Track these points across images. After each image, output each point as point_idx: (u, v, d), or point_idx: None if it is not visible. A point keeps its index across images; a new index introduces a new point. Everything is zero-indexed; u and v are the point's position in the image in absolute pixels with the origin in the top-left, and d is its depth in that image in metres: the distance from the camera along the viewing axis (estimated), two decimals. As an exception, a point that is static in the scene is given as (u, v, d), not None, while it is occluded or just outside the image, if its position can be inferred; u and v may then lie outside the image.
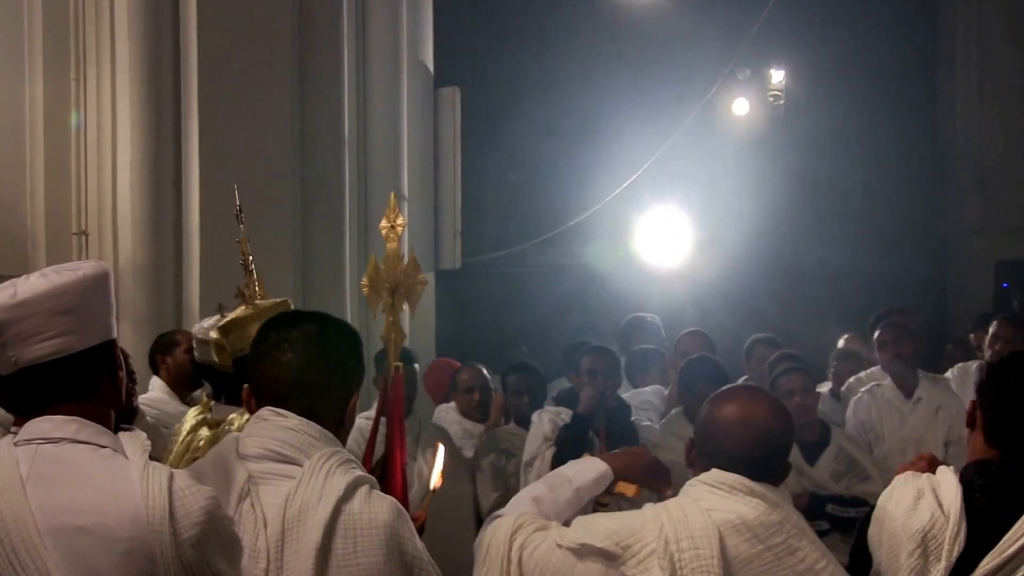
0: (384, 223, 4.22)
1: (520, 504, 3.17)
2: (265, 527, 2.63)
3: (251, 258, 4.44)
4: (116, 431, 2.58)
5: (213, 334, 4.35)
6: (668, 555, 2.75)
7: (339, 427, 2.89)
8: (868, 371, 7.79)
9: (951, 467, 3.25)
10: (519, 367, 6.99)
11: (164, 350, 6.48)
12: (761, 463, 2.93)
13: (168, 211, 7.68)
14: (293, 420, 2.77)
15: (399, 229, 4.20)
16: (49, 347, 2.48)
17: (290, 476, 2.70)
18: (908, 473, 3.26)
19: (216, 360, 4.37)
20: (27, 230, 7.90)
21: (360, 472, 2.78)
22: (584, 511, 3.14)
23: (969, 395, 4.97)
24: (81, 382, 2.53)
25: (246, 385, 2.92)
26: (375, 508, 2.70)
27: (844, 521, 5.62)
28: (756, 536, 2.82)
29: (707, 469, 2.95)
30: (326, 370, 2.87)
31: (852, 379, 7.70)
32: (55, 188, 7.81)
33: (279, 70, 8.06)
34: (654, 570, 2.76)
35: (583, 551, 2.84)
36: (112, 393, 2.60)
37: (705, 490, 2.91)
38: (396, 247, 4.22)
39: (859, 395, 7.20)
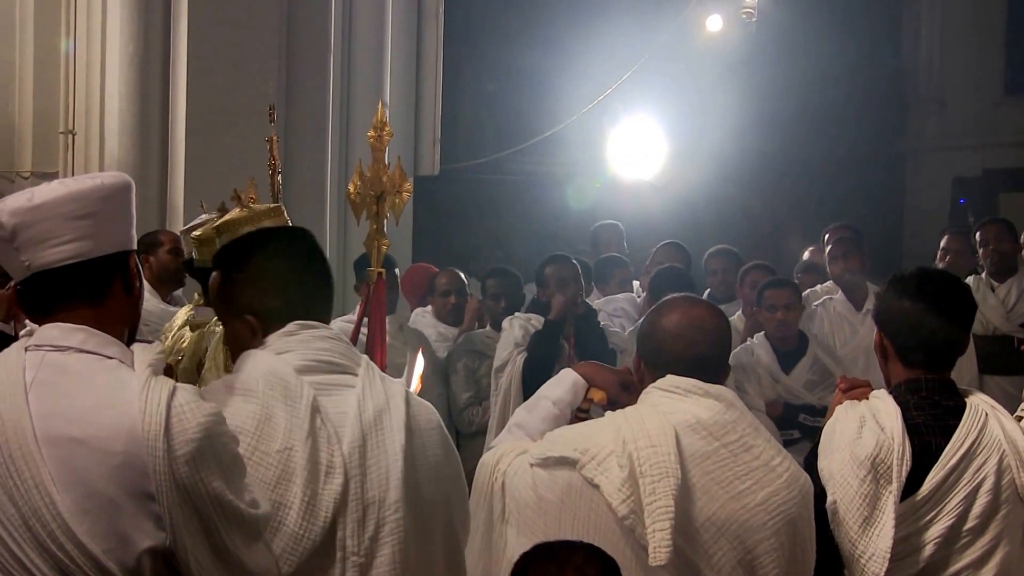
0: (372, 133, 4.20)
1: (505, 435, 3.23)
2: (339, 441, 2.55)
3: (278, 158, 4.40)
4: (131, 343, 2.51)
5: (198, 232, 4.35)
6: (626, 454, 2.75)
7: None
8: (823, 284, 7.87)
9: (884, 391, 3.30)
10: (498, 272, 6.96)
11: (147, 249, 6.47)
12: (711, 363, 2.95)
13: (155, 112, 7.65)
14: (325, 329, 2.73)
15: (386, 139, 4.19)
16: (63, 252, 2.42)
17: (348, 385, 2.64)
18: (847, 403, 3.30)
19: (196, 256, 4.37)
20: (14, 128, 7.88)
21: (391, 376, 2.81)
22: (571, 422, 3.18)
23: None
24: (93, 288, 2.46)
25: (249, 317, 2.72)
26: (426, 408, 2.77)
27: (815, 431, 5.62)
28: (712, 434, 2.84)
29: (657, 379, 2.97)
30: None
31: (807, 291, 7.76)
32: (43, 87, 7.77)
33: (267, -24, 7.98)
34: (613, 469, 2.77)
35: (548, 463, 2.87)
36: (125, 303, 2.53)
37: (661, 395, 2.92)
38: (383, 156, 4.20)
39: (812, 309, 7.27)
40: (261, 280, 2.73)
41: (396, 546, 2.53)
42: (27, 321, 2.57)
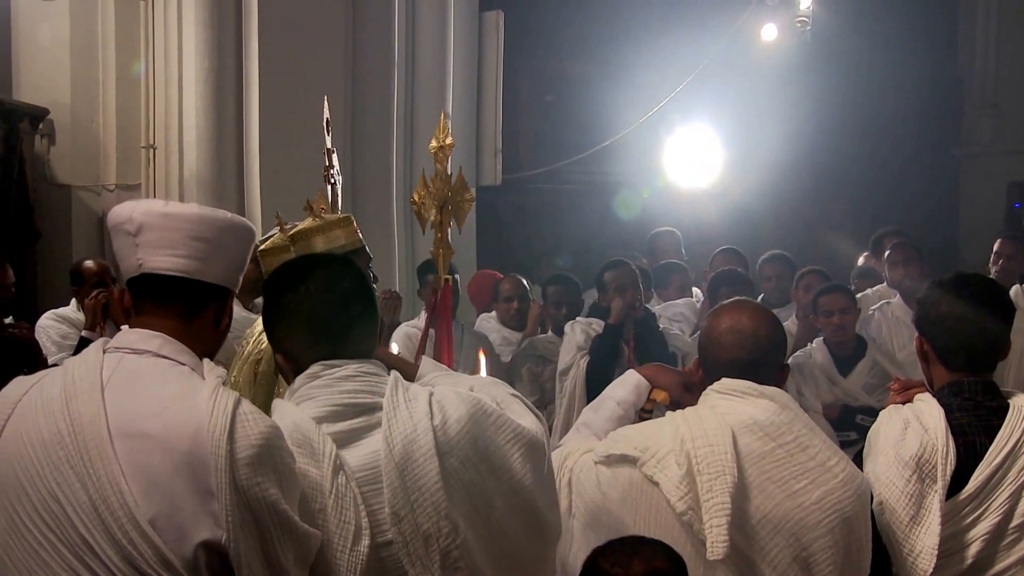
0: (434, 143, 4.24)
1: (572, 434, 3.30)
2: (363, 503, 2.48)
3: (334, 169, 4.46)
4: None
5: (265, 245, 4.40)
6: (684, 453, 2.80)
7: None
8: (875, 288, 7.83)
9: (928, 394, 3.31)
10: (558, 279, 7.00)
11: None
12: (756, 366, 2.98)
13: (230, 127, 7.78)
14: (348, 367, 2.61)
15: (448, 149, 4.22)
16: (175, 263, 2.54)
17: (374, 425, 2.57)
18: (891, 407, 3.32)
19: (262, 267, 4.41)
20: (99, 143, 8.04)
21: (420, 386, 2.70)
22: (635, 422, 3.23)
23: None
24: (188, 306, 2.57)
25: (279, 356, 2.70)
26: (454, 405, 2.62)
27: (872, 432, 5.63)
28: (768, 434, 2.86)
29: (712, 383, 3.01)
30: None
31: (860, 295, 7.72)
32: (125, 104, 7.93)
33: (333, -4, 8.10)
34: (671, 467, 2.81)
35: (611, 460, 2.93)
36: (211, 333, 2.62)
37: (718, 397, 2.96)
38: (445, 166, 4.24)
39: (870, 312, 7.22)
40: (290, 320, 2.67)
41: (469, 567, 2.52)
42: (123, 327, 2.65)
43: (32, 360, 4.48)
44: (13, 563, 2.33)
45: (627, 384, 3.35)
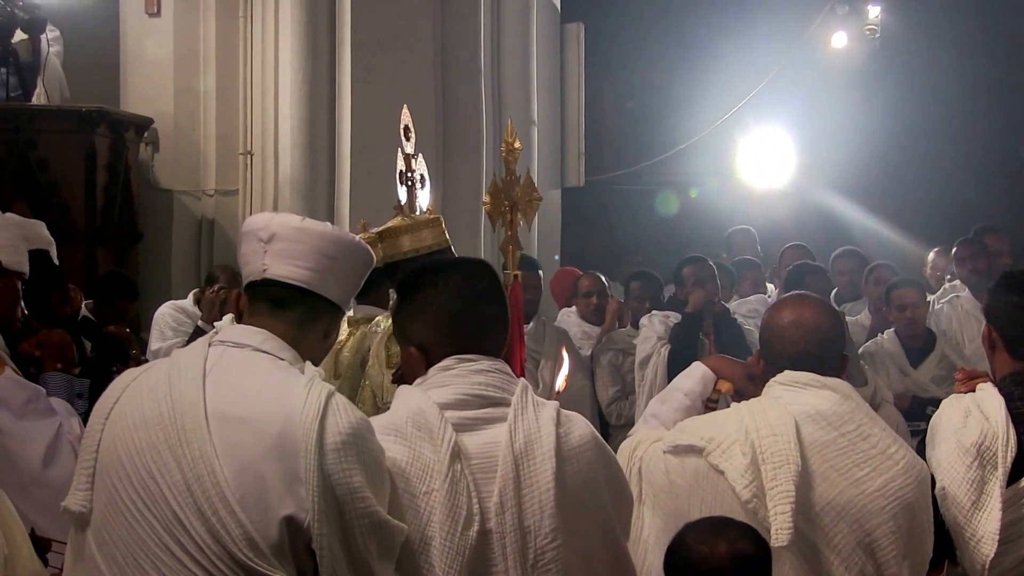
0: (504, 147, 4.19)
1: (641, 425, 3.27)
2: (478, 489, 2.43)
3: (413, 173, 4.41)
4: None
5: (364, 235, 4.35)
6: (749, 442, 2.76)
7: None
8: (951, 283, 7.68)
9: (989, 384, 3.22)
10: (641, 275, 6.99)
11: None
12: (817, 358, 2.93)
13: (323, 134, 7.85)
14: (483, 361, 2.57)
15: (517, 152, 4.17)
16: (298, 273, 2.55)
17: (498, 418, 2.51)
18: (952, 396, 3.26)
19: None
20: (199, 150, 8.17)
21: (545, 399, 2.66)
22: (700, 412, 3.21)
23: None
24: (301, 314, 2.56)
25: (413, 349, 2.63)
26: (579, 425, 2.61)
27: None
28: (830, 424, 2.82)
29: (774, 374, 2.97)
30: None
31: (943, 287, 7.59)
32: (224, 113, 8.03)
33: (423, 11, 8.13)
34: (736, 456, 2.77)
35: (678, 450, 2.89)
36: (317, 345, 2.62)
37: (781, 389, 2.92)
38: (515, 168, 4.18)
39: (939, 306, 7.13)
40: (426, 315, 2.62)
41: (562, 571, 2.46)
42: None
43: (124, 356, 4.57)
44: (112, 539, 2.37)
45: (694, 375, 3.31)
